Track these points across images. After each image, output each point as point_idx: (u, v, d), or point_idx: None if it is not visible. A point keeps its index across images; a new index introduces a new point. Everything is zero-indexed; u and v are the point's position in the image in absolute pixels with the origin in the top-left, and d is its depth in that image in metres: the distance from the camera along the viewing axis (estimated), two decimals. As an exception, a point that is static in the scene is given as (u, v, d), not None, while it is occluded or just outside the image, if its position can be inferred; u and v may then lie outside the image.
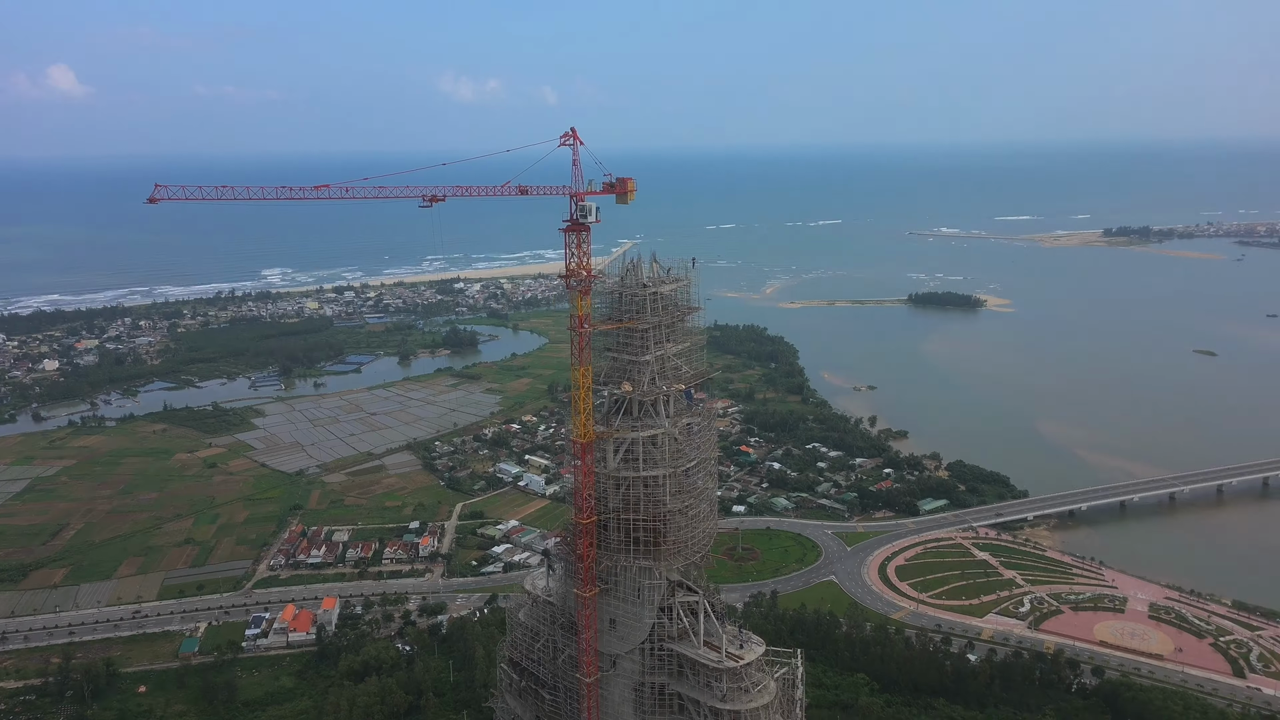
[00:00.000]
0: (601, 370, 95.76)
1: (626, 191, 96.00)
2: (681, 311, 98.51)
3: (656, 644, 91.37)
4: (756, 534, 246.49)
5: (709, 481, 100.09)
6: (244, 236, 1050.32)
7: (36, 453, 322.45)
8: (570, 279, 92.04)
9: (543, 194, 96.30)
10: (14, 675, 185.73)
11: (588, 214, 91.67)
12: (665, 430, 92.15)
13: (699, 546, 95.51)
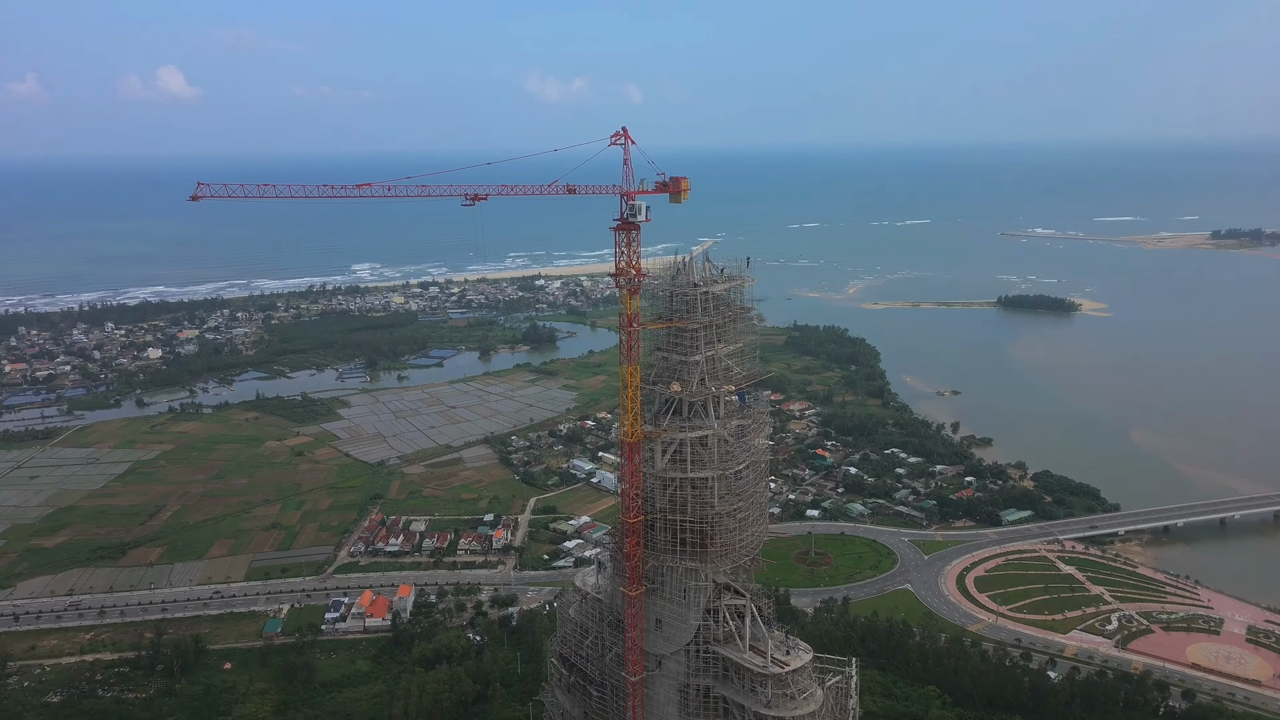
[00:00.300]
0: (651, 370, 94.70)
1: (680, 191, 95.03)
2: (734, 312, 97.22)
3: (702, 646, 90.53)
4: (830, 539, 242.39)
5: (759, 485, 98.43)
6: (336, 232, 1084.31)
7: (138, 437, 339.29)
8: (619, 278, 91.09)
9: (591, 193, 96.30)
10: (110, 648, 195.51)
11: (637, 213, 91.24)
12: (714, 432, 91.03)
13: (747, 550, 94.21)
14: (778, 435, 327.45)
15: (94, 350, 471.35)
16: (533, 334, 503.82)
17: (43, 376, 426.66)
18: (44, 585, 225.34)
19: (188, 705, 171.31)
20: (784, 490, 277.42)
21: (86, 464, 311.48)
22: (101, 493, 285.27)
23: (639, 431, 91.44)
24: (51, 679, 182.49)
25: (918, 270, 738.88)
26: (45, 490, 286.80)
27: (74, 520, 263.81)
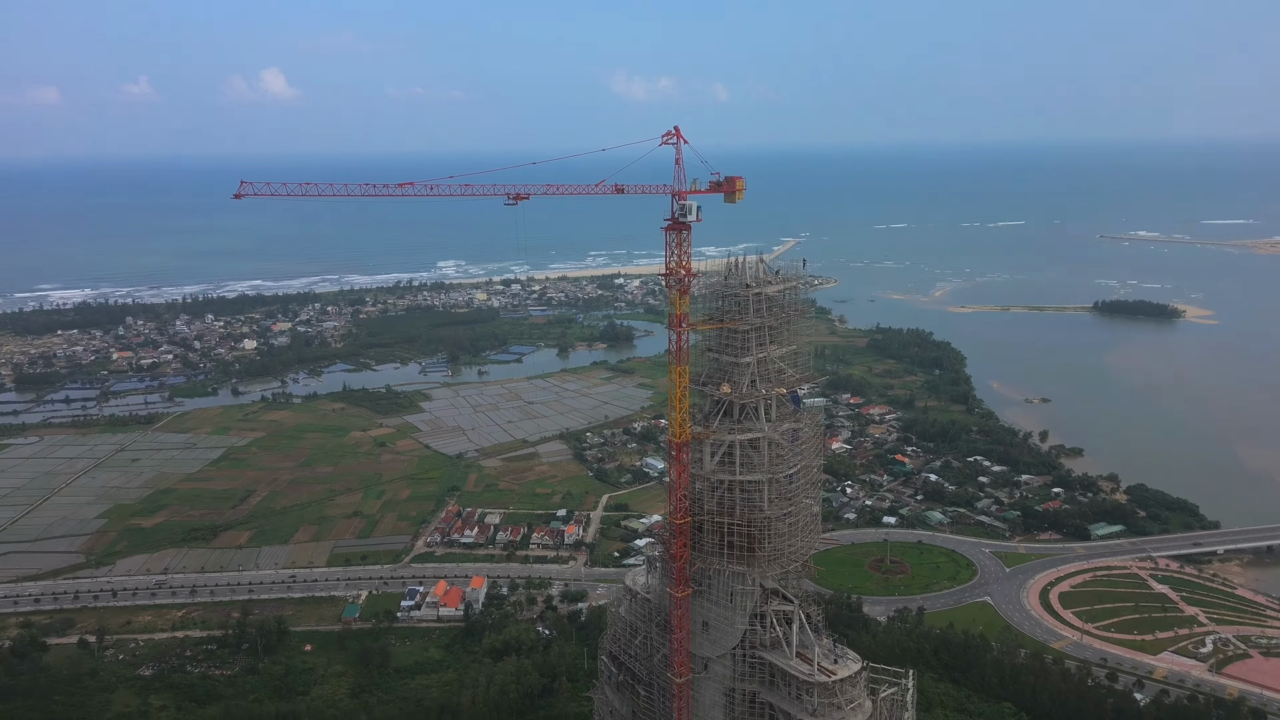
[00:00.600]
0: (702, 370, 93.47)
1: (734, 190, 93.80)
2: (789, 313, 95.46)
3: (749, 650, 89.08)
4: (906, 547, 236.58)
5: (811, 490, 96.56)
6: (424, 230, 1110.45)
7: (233, 424, 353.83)
8: (669, 278, 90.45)
9: (640, 193, 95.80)
10: (200, 625, 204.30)
11: (688, 213, 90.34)
12: (764, 435, 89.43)
13: (796, 555, 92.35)
14: (856, 439, 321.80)
15: (194, 340, 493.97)
16: (610, 332, 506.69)
17: (147, 364, 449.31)
18: (140, 564, 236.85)
19: (269, 684, 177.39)
20: (860, 496, 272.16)
21: (184, 449, 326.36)
22: (197, 476, 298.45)
23: (687, 432, 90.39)
24: (145, 653, 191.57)
25: (1009, 273, 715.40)
26: (145, 472, 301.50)
27: (171, 502, 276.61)
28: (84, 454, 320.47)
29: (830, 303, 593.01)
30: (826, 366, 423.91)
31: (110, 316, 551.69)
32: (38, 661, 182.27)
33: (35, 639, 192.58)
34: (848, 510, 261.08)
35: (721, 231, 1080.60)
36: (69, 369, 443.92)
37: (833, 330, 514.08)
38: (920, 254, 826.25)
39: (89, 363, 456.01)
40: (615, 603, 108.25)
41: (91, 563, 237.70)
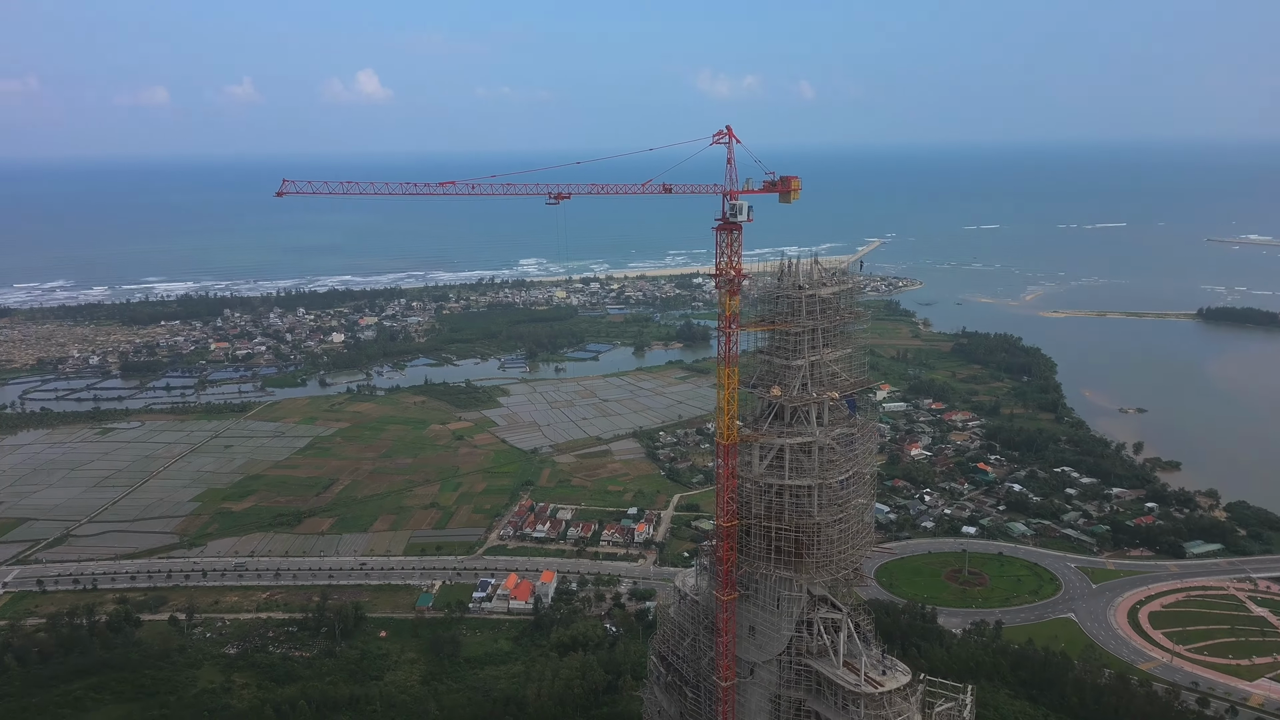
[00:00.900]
0: (753, 372, 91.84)
1: (789, 190, 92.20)
2: (844, 316, 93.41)
3: (795, 657, 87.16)
4: (986, 559, 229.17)
5: (865, 497, 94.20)
6: (508, 227, 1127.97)
7: (319, 414, 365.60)
8: (719, 278, 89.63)
9: (690, 193, 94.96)
10: (282, 608, 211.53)
11: (738, 213, 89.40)
12: (815, 439, 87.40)
13: (846, 563, 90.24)
14: (936, 446, 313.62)
15: (286, 333, 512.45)
16: (686, 331, 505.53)
17: (242, 355, 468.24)
18: (229, 546, 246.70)
19: (345, 667, 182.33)
20: (939, 504, 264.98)
21: (274, 437, 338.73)
22: (284, 464, 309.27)
23: (735, 434, 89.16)
24: (230, 632, 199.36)
25: (1107, 277, 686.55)
26: (237, 459, 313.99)
27: (260, 488, 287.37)
28: (181, 439, 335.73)
29: (914, 305, 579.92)
30: (909, 371, 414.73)
31: (209, 308, 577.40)
32: (130, 636, 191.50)
33: (130, 614, 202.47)
34: (925, 518, 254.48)
35: (802, 231, 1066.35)
36: (170, 358, 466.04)
37: (916, 333, 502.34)
38: (1011, 256, 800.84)
39: (189, 352, 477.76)
40: (665, 604, 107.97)
41: (184, 543, 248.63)
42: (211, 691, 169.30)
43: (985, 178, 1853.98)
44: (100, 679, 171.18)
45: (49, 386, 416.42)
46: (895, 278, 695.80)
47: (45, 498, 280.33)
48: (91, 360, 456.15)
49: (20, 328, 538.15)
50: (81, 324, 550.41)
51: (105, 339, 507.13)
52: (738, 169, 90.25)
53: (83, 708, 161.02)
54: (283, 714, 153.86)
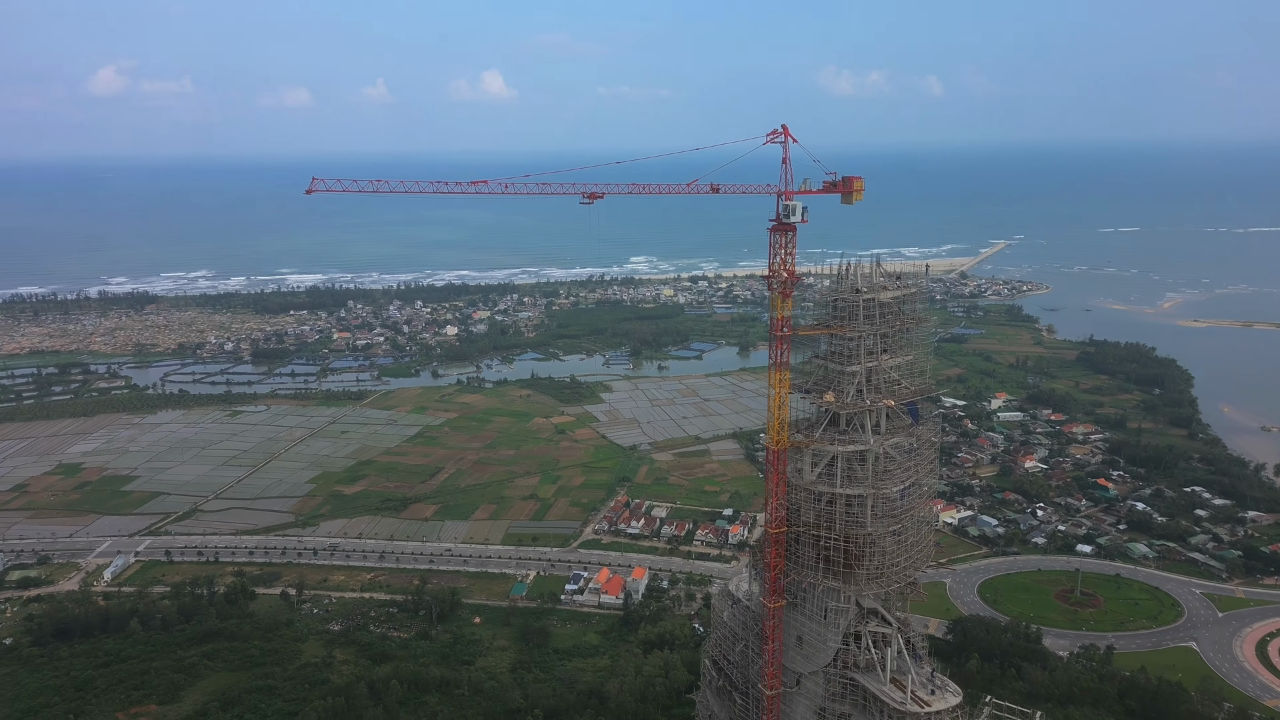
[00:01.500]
0: (809, 377, 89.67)
1: (852, 191, 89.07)
2: (904, 322, 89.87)
3: (842, 670, 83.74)
4: (1101, 579, 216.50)
5: (923, 508, 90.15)
6: (619, 225, 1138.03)
7: (430, 404, 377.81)
8: (772, 279, 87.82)
9: (740, 193, 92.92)
10: (384, 589, 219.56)
11: (792, 213, 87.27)
12: (869, 447, 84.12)
13: (899, 576, 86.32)
14: (1053, 459, 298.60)
15: (404, 325, 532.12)
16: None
17: (361, 345, 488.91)
18: (339, 527, 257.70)
19: (439, 650, 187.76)
20: (1052, 519, 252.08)
21: (386, 424, 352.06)
22: (395, 451, 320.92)
23: (785, 440, 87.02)
24: (336, 609, 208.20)
25: (1257, 285, 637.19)
26: (351, 444, 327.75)
27: (370, 473, 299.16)
28: (302, 424, 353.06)
29: (1038, 311, 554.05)
30: (1028, 379, 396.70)
31: (335, 300, 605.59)
32: (244, 608, 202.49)
33: (246, 587, 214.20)
34: (1036, 534, 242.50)
35: (923, 233, 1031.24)
36: (296, 346, 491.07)
37: (1038, 340, 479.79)
38: (1150, 260, 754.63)
39: (313, 341, 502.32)
40: (718, 608, 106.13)
41: (299, 522, 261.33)
42: (314, 665, 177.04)
43: (1128, 177, 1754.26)
44: (214, 647, 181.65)
45: (187, 370, 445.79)
46: (1020, 281, 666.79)
47: (178, 474, 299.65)
48: (226, 346, 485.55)
49: (165, 314, 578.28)
50: (220, 312, 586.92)
51: (240, 326, 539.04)
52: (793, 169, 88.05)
53: (196, 674, 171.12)
54: (376, 692, 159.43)
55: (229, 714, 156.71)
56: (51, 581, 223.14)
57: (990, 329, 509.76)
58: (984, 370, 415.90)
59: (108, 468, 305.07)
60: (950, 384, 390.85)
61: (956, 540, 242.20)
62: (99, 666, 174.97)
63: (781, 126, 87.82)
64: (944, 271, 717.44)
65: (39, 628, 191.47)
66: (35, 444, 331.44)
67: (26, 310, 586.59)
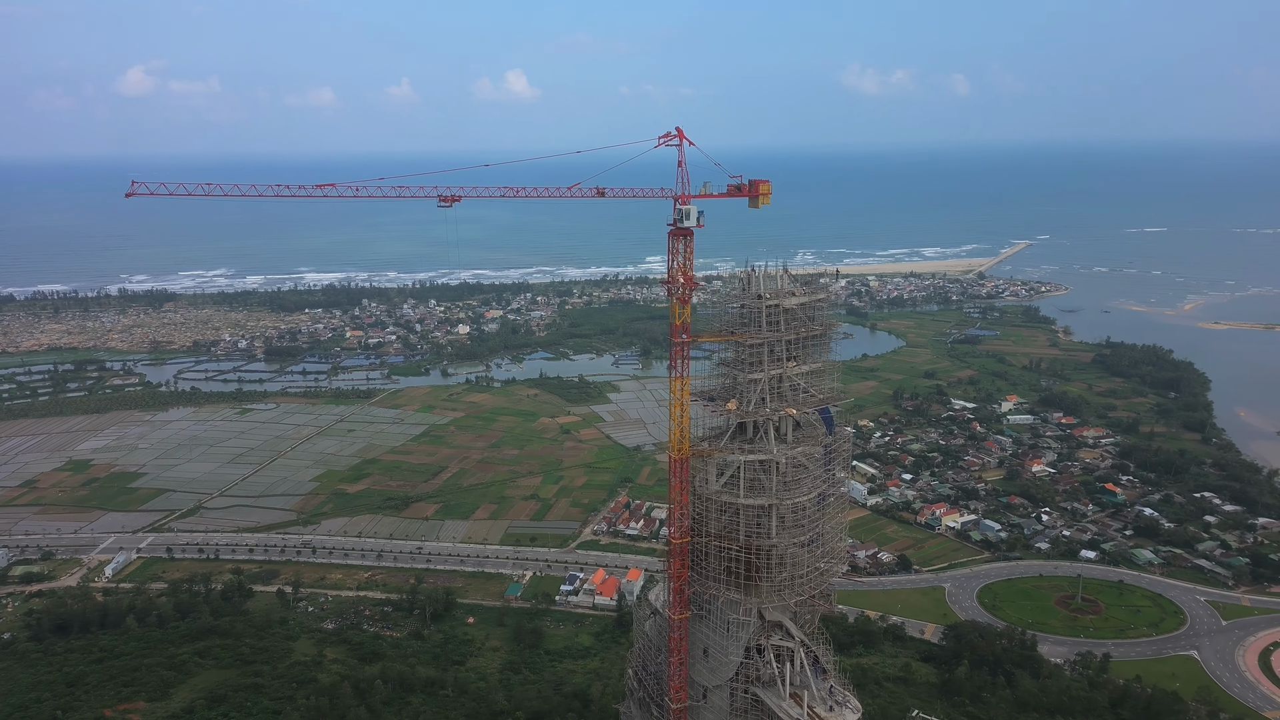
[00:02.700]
0: (714, 385, 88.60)
1: (758, 195, 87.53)
2: (813, 329, 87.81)
3: (745, 684, 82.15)
4: (1104, 586, 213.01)
5: (831, 520, 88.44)
6: (636, 225, 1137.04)
7: (437, 403, 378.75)
8: (670, 285, 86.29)
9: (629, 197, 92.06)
10: (381, 588, 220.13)
11: (685, 218, 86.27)
12: (773, 457, 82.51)
13: (805, 589, 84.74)
14: (1061, 463, 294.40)
15: (416, 323, 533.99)
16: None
17: (373, 343, 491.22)
18: (340, 525, 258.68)
19: (430, 650, 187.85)
20: (1057, 524, 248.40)
21: (393, 423, 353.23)
22: (400, 450, 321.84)
23: (687, 448, 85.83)
24: (331, 608, 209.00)
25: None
26: (357, 443, 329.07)
27: (374, 471, 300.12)
28: (310, 422, 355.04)
29: (1056, 312, 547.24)
30: (1040, 382, 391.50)
31: (350, 298, 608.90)
32: (239, 606, 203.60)
33: (243, 585, 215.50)
34: (1040, 539, 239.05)
35: (941, 233, 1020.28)
36: (309, 344, 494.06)
37: (1054, 342, 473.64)
38: (1175, 262, 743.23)
39: (326, 339, 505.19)
40: (639, 618, 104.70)
41: (301, 520, 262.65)
42: (303, 664, 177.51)
43: (1158, 177, 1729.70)
44: (206, 644, 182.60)
45: (201, 367, 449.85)
46: (1038, 282, 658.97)
47: (185, 471, 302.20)
48: (240, 344, 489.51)
49: (182, 312, 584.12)
50: (236, 310, 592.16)
51: (255, 324, 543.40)
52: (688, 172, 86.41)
53: (187, 671, 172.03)
54: (361, 692, 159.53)
55: (215, 712, 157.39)
56: (54, 577, 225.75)
57: (1006, 330, 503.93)
58: (996, 372, 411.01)
59: (116, 464, 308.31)
60: (961, 386, 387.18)
61: (958, 545, 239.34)
62: (92, 663, 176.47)
63: (676, 129, 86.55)
64: (962, 272, 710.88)
65: (38, 623, 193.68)
66: (48, 440, 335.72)
67: (48, 307, 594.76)
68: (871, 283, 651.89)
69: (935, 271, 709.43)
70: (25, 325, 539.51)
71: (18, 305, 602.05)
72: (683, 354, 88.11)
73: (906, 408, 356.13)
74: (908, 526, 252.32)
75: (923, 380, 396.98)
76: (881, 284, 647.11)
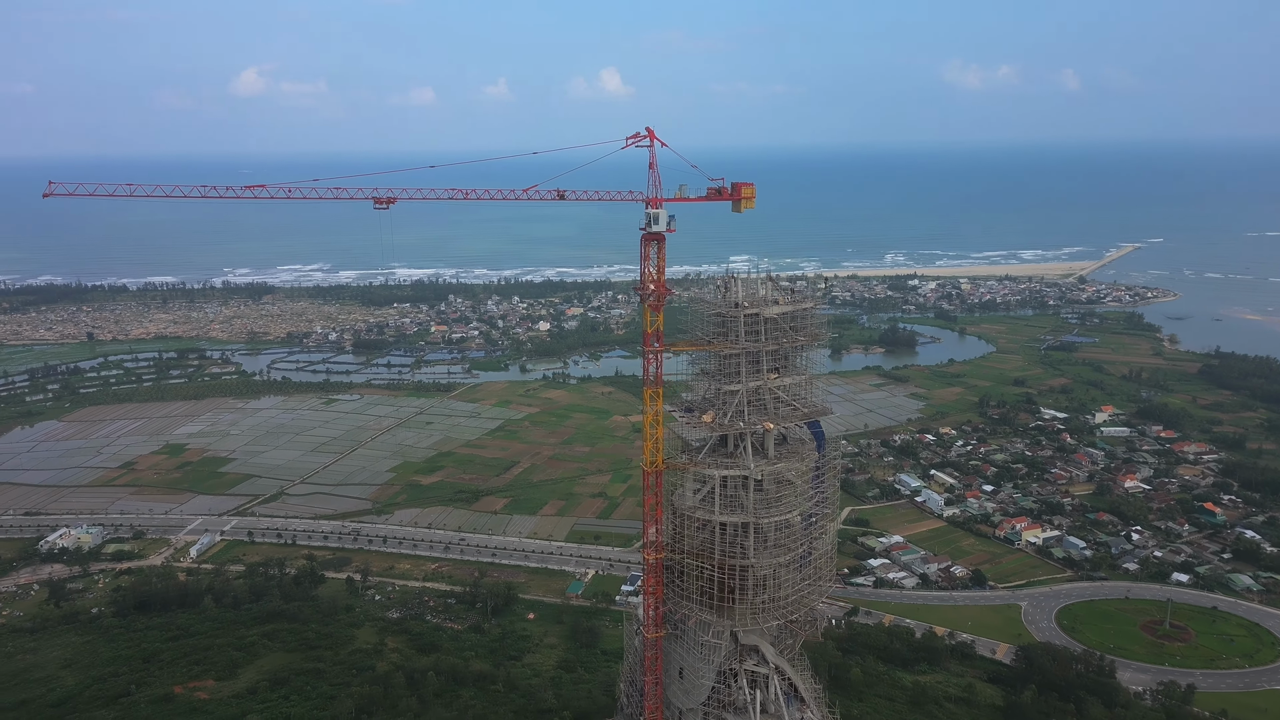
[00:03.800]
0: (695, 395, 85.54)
1: (740, 199, 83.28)
2: (797, 339, 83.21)
3: (718, 709, 78.32)
4: (1196, 612, 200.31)
5: (818, 540, 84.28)
6: (719, 222, 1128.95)
7: (514, 399, 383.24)
8: (642, 291, 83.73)
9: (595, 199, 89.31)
10: (446, 579, 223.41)
11: (654, 222, 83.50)
12: (748, 473, 78.82)
13: (783, 612, 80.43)
14: (1157, 479, 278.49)
15: (499, 319, 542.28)
16: (891, 336, 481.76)
17: (456, 339, 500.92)
18: (412, 516, 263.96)
19: (487, 644, 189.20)
20: (1149, 544, 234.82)
21: (470, 417, 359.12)
22: (474, 444, 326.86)
23: (660, 461, 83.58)
24: (397, 597, 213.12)
25: None
26: (435, 435, 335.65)
27: (448, 464, 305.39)
28: (391, 414, 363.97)
29: (1161, 319, 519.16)
30: (1140, 393, 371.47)
31: (437, 294, 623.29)
32: (309, 591, 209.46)
33: (315, 571, 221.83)
34: (1128, 559, 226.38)
35: (1041, 234, 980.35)
36: (395, 338, 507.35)
37: (1157, 351, 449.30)
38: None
39: (412, 333, 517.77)
40: (629, 632, 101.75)
41: (375, 510, 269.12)
42: (364, 651, 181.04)
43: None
44: (274, 627, 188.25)
45: (293, 358, 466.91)
46: (1144, 288, 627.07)
47: (271, 458, 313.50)
48: (330, 336, 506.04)
49: (279, 304, 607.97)
50: (329, 303, 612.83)
51: (346, 317, 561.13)
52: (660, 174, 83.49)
53: (254, 652, 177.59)
54: (413, 682, 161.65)
55: (276, 694, 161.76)
56: (143, 556, 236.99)
57: (1105, 337, 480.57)
58: (1092, 381, 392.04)
59: (209, 449, 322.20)
60: (1053, 395, 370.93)
61: (1038, 561, 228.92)
62: (168, 640, 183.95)
63: (646, 129, 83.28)
64: (1061, 275, 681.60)
65: (123, 599, 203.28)
66: (148, 424, 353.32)
67: (157, 297, 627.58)
68: (963, 285, 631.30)
69: (1032, 275, 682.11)
70: (136, 314, 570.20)
71: (130, 295, 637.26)
72: (656, 363, 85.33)
73: (992, 416, 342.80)
74: (985, 540, 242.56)
75: (1011, 388, 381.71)
76: (974, 286, 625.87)
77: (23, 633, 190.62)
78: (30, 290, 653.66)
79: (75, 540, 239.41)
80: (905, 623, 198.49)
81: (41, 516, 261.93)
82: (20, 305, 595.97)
